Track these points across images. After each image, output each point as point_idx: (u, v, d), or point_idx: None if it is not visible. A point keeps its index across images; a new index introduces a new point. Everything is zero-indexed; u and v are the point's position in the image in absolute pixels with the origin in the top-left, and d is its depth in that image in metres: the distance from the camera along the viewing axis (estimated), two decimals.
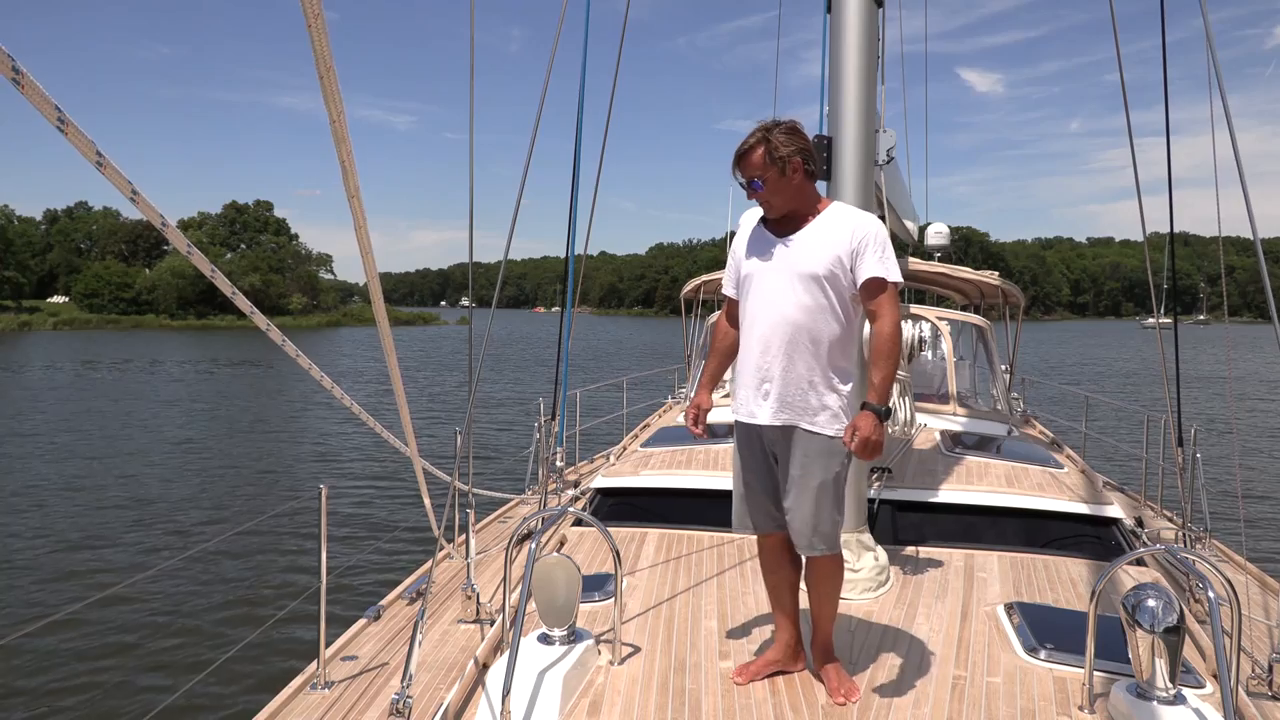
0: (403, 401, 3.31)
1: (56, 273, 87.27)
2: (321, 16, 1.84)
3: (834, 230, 2.70)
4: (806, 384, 2.71)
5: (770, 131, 2.67)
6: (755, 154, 2.67)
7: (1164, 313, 5.61)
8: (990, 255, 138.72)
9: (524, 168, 4.00)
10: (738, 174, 2.74)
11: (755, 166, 2.68)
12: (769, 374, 2.73)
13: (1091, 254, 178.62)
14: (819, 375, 2.72)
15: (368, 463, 14.24)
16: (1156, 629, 2.41)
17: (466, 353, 32.24)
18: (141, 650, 6.62)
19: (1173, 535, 5.03)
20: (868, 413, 2.62)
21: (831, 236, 2.69)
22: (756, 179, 2.69)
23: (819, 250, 2.69)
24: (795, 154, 2.67)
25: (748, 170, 2.70)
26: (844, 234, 2.69)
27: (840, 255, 2.67)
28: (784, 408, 2.73)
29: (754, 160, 2.68)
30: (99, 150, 1.76)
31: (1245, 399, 25.47)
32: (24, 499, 11.47)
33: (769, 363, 2.73)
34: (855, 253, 2.68)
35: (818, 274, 2.67)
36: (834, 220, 2.73)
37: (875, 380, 2.66)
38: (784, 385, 2.72)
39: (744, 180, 2.72)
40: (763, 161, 2.67)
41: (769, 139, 2.66)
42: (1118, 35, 4.63)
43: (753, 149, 2.68)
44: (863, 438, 2.60)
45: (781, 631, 2.97)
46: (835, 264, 2.67)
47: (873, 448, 2.62)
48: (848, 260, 2.68)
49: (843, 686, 2.75)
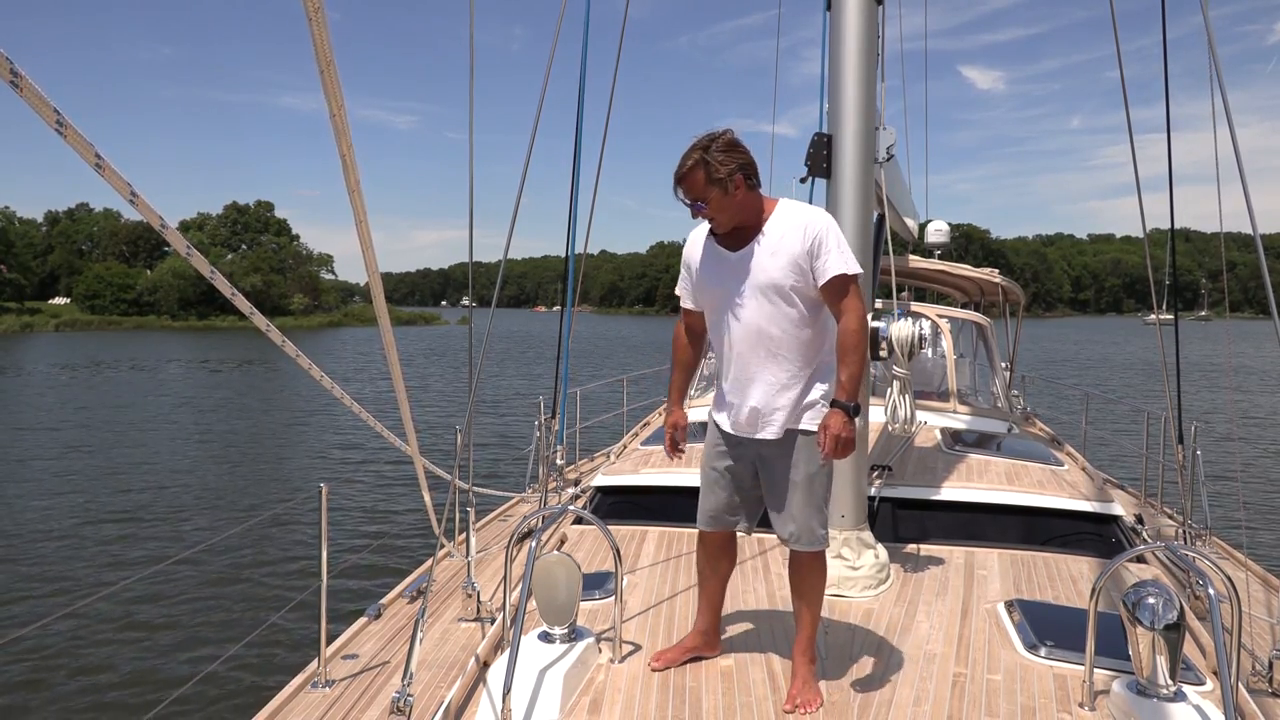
0: (403, 400, 3.31)
1: (58, 274, 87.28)
2: (322, 10, 1.84)
3: (787, 235, 2.69)
4: (790, 389, 2.74)
5: (707, 151, 2.63)
6: (695, 176, 2.64)
7: (1165, 309, 5.60)
8: (991, 252, 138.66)
9: (524, 167, 4.00)
10: (679, 194, 2.70)
11: (696, 188, 2.65)
12: (754, 392, 2.76)
13: (1092, 250, 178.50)
14: (801, 378, 2.75)
15: (368, 461, 14.25)
16: (1157, 626, 2.42)
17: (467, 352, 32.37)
18: (142, 649, 6.62)
19: (1173, 532, 5.03)
20: (836, 410, 2.64)
21: (786, 242, 2.68)
22: (699, 200, 2.67)
23: (776, 259, 2.68)
24: (735, 171, 2.63)
25: (689, 192, 2.67)
26: (797, 237, 2.68)
27: (798, 260, 2.67)
28: (774, 418, 2.76)
29: (694, 182, 2.64)
30: (98, 152, 1.76)
31: (1246, 392, 25.45)
32: (24, 498, 11.48)
33: (753, 383, 2.75)
34: (812, 253, 2.67)
35: (780, 284, 2.68)
36: (785, 224, 2.71)
37: (843, 378, 2.67)
38: (768, 400, 2.75)
39: (687, 201, 2.70)
40: (703, 183, 2.64)
41: (707, 160, 2.62)
42: (1117, 32, 4.63)
43: (691, 171, 2.64)
44: (833, 435, 2.61)
45: (701, 618, 3.05)
46: (795, 269, 2.67)
47: (844, 445, 2.63)
48: (806, 263, 2.68)
49: (801, 694, 2.70)
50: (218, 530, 9.77)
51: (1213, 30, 3.41)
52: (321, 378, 3.04)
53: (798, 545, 2.79)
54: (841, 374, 2.67)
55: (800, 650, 2.81)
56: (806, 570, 2.84)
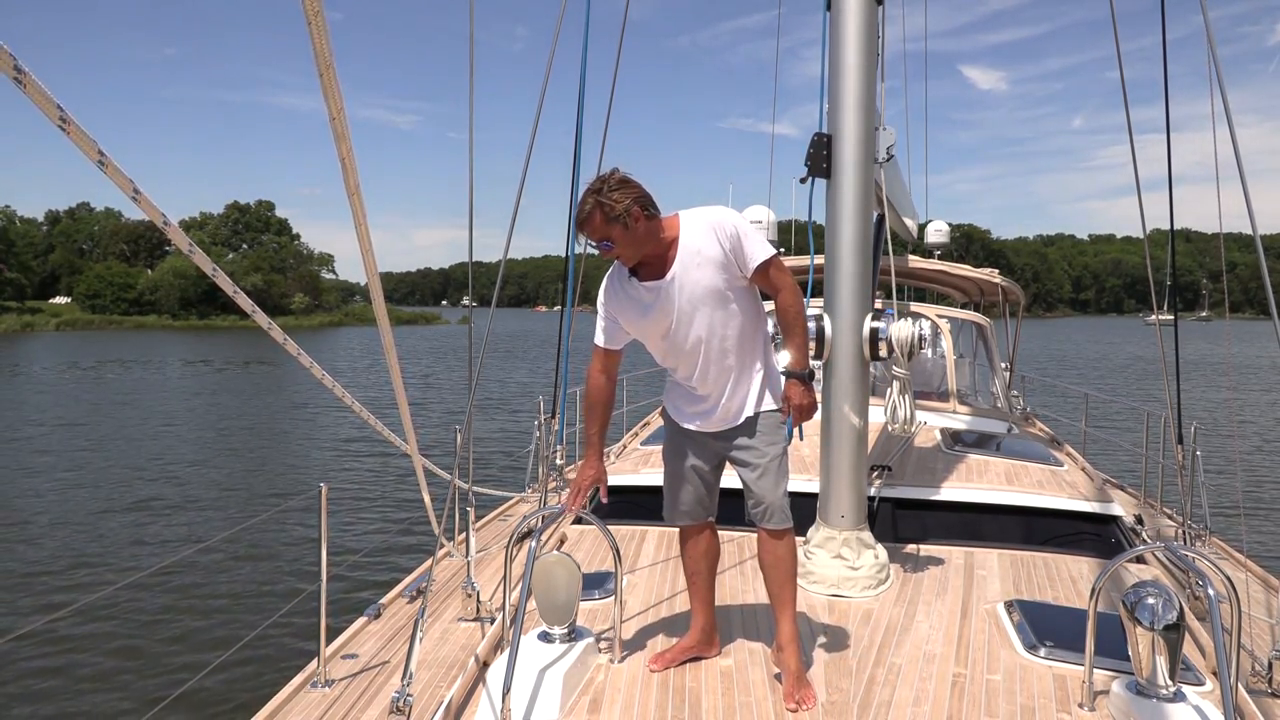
0: (403, 400, 3.31)
1: (59, 274, 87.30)
2: (321, 13, 1.84)
3: (702, 243, 2.75)
4: (750, 379, 2.88)
5: (600, 193, 2.68)
6: (594, 219, 2.68)
7: (1165, 310, 5.61)
8: (992, 252, 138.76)
9: (524, 167, 4.00)
10: (583, 238, 2.77)
11: (598, 230, 2.70)
12: (722, 391, 2.87)
13: (1093, 251, 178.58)
14: (754, 367, 2.89)
15: (368, 461, 14.26)
16: (1156, 626, 2.42)
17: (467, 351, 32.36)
18: (141, 649, 6.63)
19: (1173, 533, 5.03)
20: (793, 380, 2.81)
21: (704, 250, 2.75)
22: (604, 240, 2.72)
23: (704, 270, 2.75)
24: (630, 205, 2.67)
25: (592, 235, 2.73)
26: (712, 241, 2.75)
27: (721, 261, 2.75)
28: (737, 408, 2.88)
29: (595, 225, 2.69)
30: (101, 149, 1.76)
31: (1246, 392, 25.45)
32: (24, 498, 11.49)
33: (720, 389, 2.87)
34: (734, 250, 2.75)
35: (715, 288, 2.76)
36: (695, 234, 2.76)
37: (791, 349, 2.82)
38: (731, 391, 2.87)
39: (593, 243, 2.76)
40: (603, 223, 2.68)
41: (601, 201, 2.67)
42: (1117, 32, 4.63)
43: (590, 215, 2.69)
44: (796, 404, 2.79)
45: (697, 617, 3.08)
46: (722, 270, 2.76)
47: (808, 410, 2.82)
48: (731, 259, 2.76)
49: (798, 691, 2.71)
50: (217, 530, 9.77)
51: (1213, 30, 3.42)
52: (323, 377, 3.04)
53: (773, 522, 2.86)
54: (790, 347, 2.82)
55: (788, 640, 2.82)
56: (779, 552, 2.88)
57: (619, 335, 2.95)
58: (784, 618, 2.86)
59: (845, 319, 3.77)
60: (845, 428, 3.78)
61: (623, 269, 2.85)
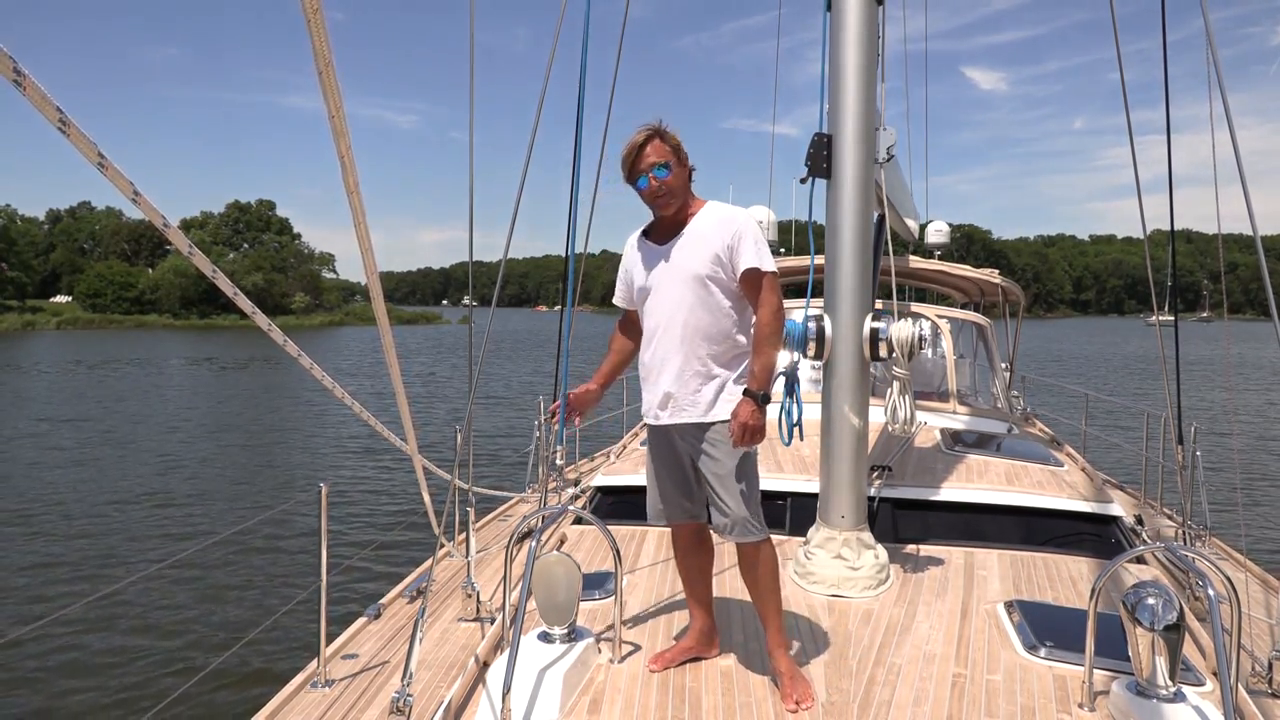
0: (403, 400, 3.31)
1: (59, 273, 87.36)
2: (320, 12, 1.84)
3: (709, 229, 2.82)
4: (703, 380, 2.83)
5: (656, 129, 2.80)
6: (654, 142, 2.77)
7: (1166, 310, 5.61)
8: (993, 252, 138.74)
9: (524, 167, 4.00)
10: (639, 168, 2.79)
11: (658, 152, 2.77)
12: (667, 376, 2.84)
13: (1094, 251, 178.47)
14: (715, 369, 2.83)
15: (368, 461, 14.26)
16: (1157, 627, 2.42)
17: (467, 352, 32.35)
18: (141, 649, 6.63)
19: (1173, 533, 5.03)
20: (746, 400, 2.73)
21: (708, 236, 2.81)
22: (660, 165, 2.77)
23: (699, 251, 2.80)
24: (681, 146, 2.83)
25: (653, 156, 2.77)
26: (718, 231, 2.80)
27: (718, 252, 2.78)
28: (685, 406, 2.84)
29: (656, 147, 2.77)
30: (100, 151, 1.76)
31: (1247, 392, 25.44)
32: (25, 497, 11.49)
33: (666, 366, 2.84)
34: (731, 247, 2.79)
35: (700, 274, 2.78)
36: (709, 219, 2.84)
37: (755, 367, 2.77)
38: (682, 385, 2.83)
39: (646, 169, 2.77)
40: (663, 147, 2.78)
41: (662, 132, 2.79)
42: (1117, 34, 4.63)
43: (650, 139, 2.78)
44: (741, 423, 2.69)
45: (695, 618, 3.07)
46: (715, 262, 2.78)
47: (751, 432, 2.70)
48: (725, 256, 2.79)
49: (796, 690, 2.72)
50: (218, 529, 9.77)
51: (1213, 32, 3.41)
52: (322, 377, 3.04)
53: (736, 537, 2.83)
54: (754, 363, 2.78)
55: (776, 644, 2.83)
56: (753, 562, 2.86)
57: (625, 291, 3.07)
58: (770, 625, 2.87)
59: (845, 319, 3.77)
60: (845, 428, 3.78)
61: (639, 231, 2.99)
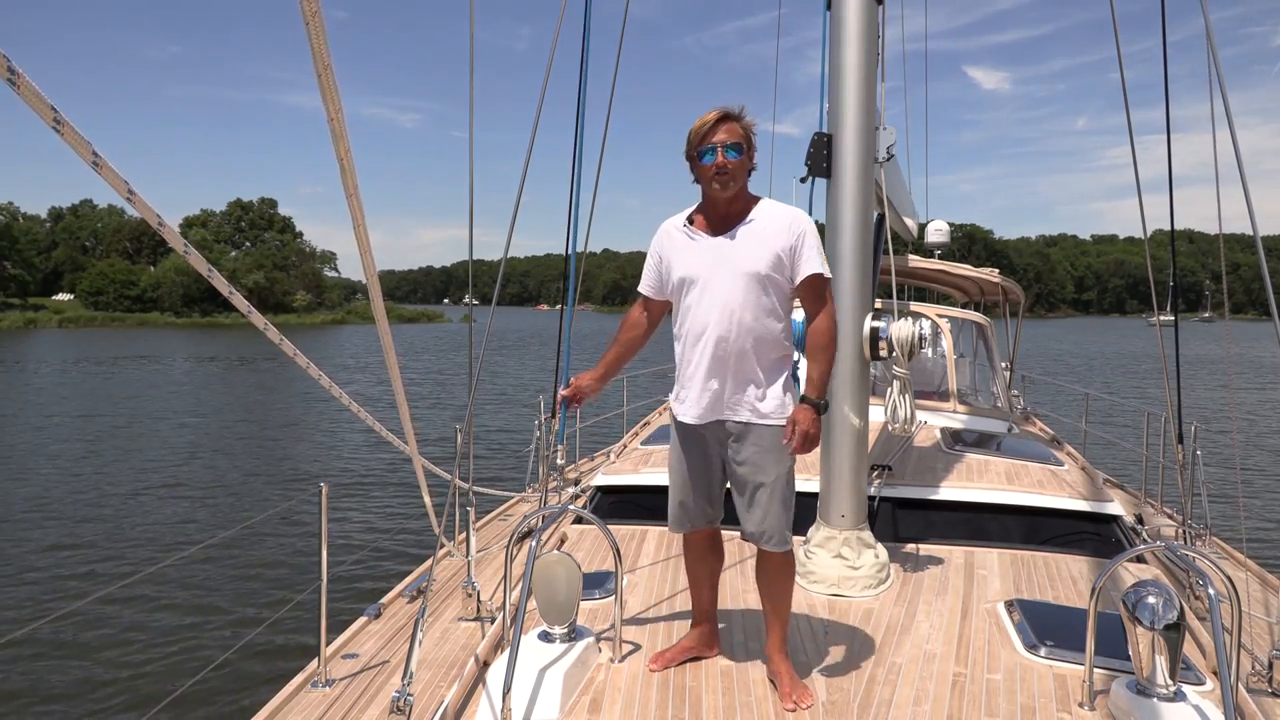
0: (402, 400, 3.31)
1: (61, 270, 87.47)
2: (319, 13, 1.83)
3: (771, 227, 2.72)
4: (754, 381, 2.74)
5: (732, 111, 2.70)
6: (730, 123, 2.68)
7: (1168, 310, 5.60)
8: (994, 252, 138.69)
9: (524, 166, 4.00)
10: (711, 140, 2.67)
11: (733, 133, 2.67)
12: (714, 375, 2.74)
13: (1096, 251, 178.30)
14: (764, 372, 2.75)
15: (368, 461, 14.26)
16: (1157, 626, 2.42)
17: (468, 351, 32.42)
18: (142, 648, 6.63)
19: (1173, 532, 5.03)
20: (806, 406, 2.67)
21: (770, 233, 2.71)
22: (733, 145, 2.67)
23: (759, 249, 2.70)
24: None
25: (727, 135, 2.67)
26: (782, 230, 2.71)
27: (778, 252, 2.70)
28: (734, 407, 2.75)
29: (731, 128, 2.68)
30: (95, 150, 1.76)
31: (1247, 392, 25.42)
32: (25, 496, 11.50)
33: (715, 364, 2.73)
34: (794, 249, 2.70)
35: (760, 271, 2.69)
36: (770, 216, 2.74)
37: (814, 375, 2.70)
38: (734, 384, 2.74)
39: (718, 143, 2.66)
40: (738, 129, 2.68)
41: (738, 115, 2.69)
42: (1118, 34, 4.63)
43: (727, 118, 2.68)
44: (802, 431, 2.65)
45: (698, 619, 3.04)
46: (775, 261, 2.70)
47: (811, 440, 2.67)
48: (787, 257, 2.71)
49: (795, 692, 2.71)
50: (218, 529, 9.78)
51: (1213, 32, 3.41)
52: (320, 377, 3.04)
53: (767, 545, 2.79)
54: (812, 370, 2.70)
55: (777, 648, 2.83)
56: (777, 571, 2.84)
57: (655, 280, 2.93)
58: (774, 630, 2.86)
59: (845, 319, 3.77)
60: (845, 427, 3.78)
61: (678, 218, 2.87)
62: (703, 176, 2.73)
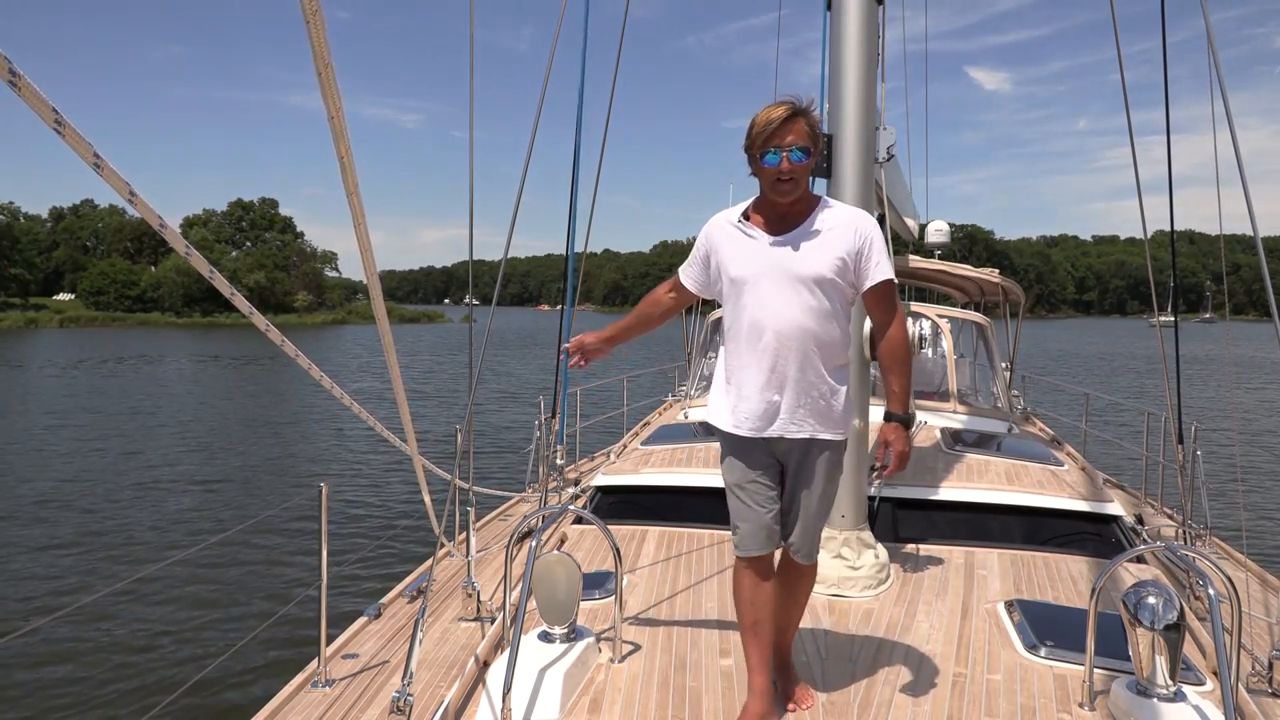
0: (402, 400, 3.31)
1: (62, 270, 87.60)
2: (320, 12, 1.83)
3: (837, 229, 2.52)
4: (819, 392, 2.55)
5: (800, 106, 2.46)
6: (799, 122, 2.44)
7: (1169, 311, 5.60)
8: (995, 253, 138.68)
9: (524, 166, 4.00)
10: (776, 142, 2.44)
11: (800, 134, 2.44)
12: (782, 385, 2.54)
13: (1096, 252, 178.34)
14: (828, 381, 2.56)
15: (368, 461, 14.26)
16: (1157, 626, 2.42)
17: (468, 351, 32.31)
18: (141, 648, 6.63)
19: (1173, 533, 5.03)
20: (896, 425, 2.55)
21: (835, 236, 2.51)
22: (800, 148, 2.45)
23: (824, 252, 2.50)
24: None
25: (795, 136, 2.44)
26: (849, 234, 2.52)
27: (844, 257, 2.51)
28: (801, 418, 2.56)
29: (799, 128, 2.44)
30: (96, 152, 1.76)
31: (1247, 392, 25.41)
32: (25, 495, 11.50)
33: (775, 373, 2.53)
34: (861, 254, 2.52)
35: (824, 276, 2.49)
36: (835, 218, 2.55)
37: (896, 389, 2.57)
38: (799, 395, 2.54)
39: (785, 145, 2.44)
40: (806, 130, 2.45)
41: (806, 111, 2.46)
42: (1118, 35, 4.63)
43: (794, 117, 2.44)
44: (898, 452, 2.54)
45: (757, 676, 2.62)
46: (840, 266, 2.50)
47: (905, 460, 2.56)
48: (853, 262, 2.52)
49: (795, 692, 2.70)
50: (218, 529, 9.78)
51: (1213, 33, 3.41)
52: (321, 378, 3.04)
53: (800, 557, 2.70)
54: (894, 384, 2.56)
55: (783, 653, 2.80)
56: (799, 579, 2.77)
57: (700, 275, 2.74)
58: (783, 635, 2.81)
59: None
60: None
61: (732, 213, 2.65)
62: (764, 178, 2.52)
